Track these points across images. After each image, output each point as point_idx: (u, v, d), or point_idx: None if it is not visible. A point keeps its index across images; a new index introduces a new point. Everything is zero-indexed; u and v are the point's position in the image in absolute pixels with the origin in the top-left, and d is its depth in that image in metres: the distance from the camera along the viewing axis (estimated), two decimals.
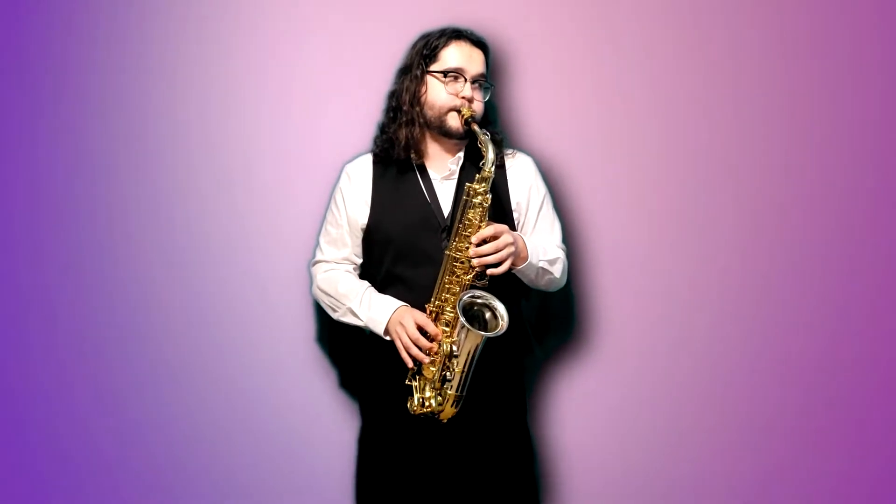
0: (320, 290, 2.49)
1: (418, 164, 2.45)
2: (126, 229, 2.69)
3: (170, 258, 2.69)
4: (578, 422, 2.71)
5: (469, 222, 2.31)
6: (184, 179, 2.69)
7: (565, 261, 2.50)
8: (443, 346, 2.29)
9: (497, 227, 2.31)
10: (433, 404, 2.31)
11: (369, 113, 2.57)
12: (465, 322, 2.25)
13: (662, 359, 2.71)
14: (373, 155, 2.50)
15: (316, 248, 2.54)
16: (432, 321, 2.32)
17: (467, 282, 2.31)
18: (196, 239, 2.69)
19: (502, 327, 2.28)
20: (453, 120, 2.40)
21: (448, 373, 2.30)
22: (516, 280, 2.43)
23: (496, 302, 2.31)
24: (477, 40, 2.45)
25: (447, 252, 2.32)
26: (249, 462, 2.68)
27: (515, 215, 2.48)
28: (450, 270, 2.32)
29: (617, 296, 2.71)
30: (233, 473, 2.69)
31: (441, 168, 2.46)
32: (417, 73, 2.43)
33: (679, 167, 2.71)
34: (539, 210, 2.51)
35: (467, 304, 2.30)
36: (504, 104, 2.67)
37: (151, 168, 2.69)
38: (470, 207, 2.31)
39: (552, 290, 2.51)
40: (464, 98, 2.39)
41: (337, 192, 2.50)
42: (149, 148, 2.69)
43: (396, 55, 2.52)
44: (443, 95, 2.40)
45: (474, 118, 2.39)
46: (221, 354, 2.69)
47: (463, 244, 2.31)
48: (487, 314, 2.33)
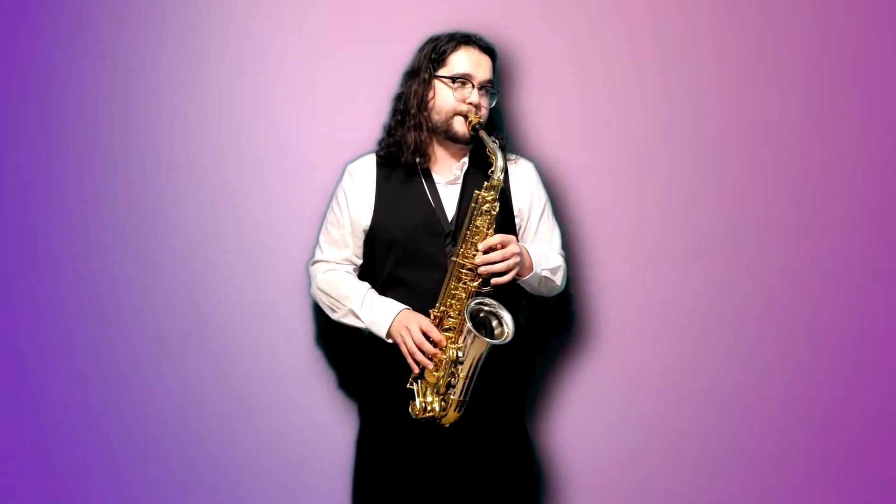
0: (320, 291, 2.48)
1: (423, 168, 2.45)
2: (127, 229, 2.68)
3: (169, 258, 2.68)
4: (578, 425, 2.73)
5: (477, 229, 2.32)
6: (186, 179, 2.68)
7: (565, 268, 2.53)
8: (448, 352, 2.30)
9: (505, 237, 2.32)
10: (436, 409, 2.32)
11: (371, 113, 2.57)
12: (473, 329, 2.27)
13: (661, 363, 2.74)
14: (377, 156, 2.49)
15: (315, 248, 2.53)
16: (436, 326, 2.33)
17: (473, 288, 2.32)
18: (196, 239, 2.68)
19: (508, 336, 2.30)
20: (459, 125, 2.41)
21: (453, 378, 2.31)
22: (517, 287, 2.45)
23: (503, 311, 2.32)
24: (485, 46, 2.46)
25: (454, 258, 2.32)
26: (248, 462, 2.68)
27: (517, 220, 2.49)
28: (456, 276, 2.32)
29: (618, 301, 2.74)
30: (231, 474, 2.68)
31: (446, 173, 2.47)
32: (425, 77, 2.43)
33: (682, 174, 2.74)
34: (540, 217, 2.52)
35: (474, 311, 2.31)
36: (508, 110, 2.67)
37: (154, 167, 2.68)
38: (478, 215, 2.32)
39: (551, 296, 2.54)
40: (471, 104, 2.40)
41: (339, 192, 2.49)
42: (152, 147, 2.68)
43: (401, 57, 2.52)
44: (450, 100, 2.41)
45: (481, 124, 2.40)
46: (219, 354, 2.68)
47: (470, 251, 2.32)
48: (493, 322, 2.34)
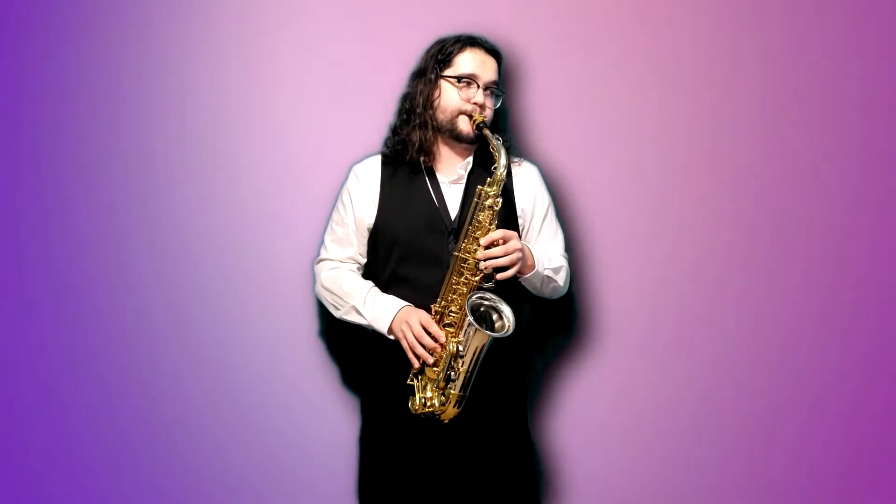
0: (324, 288, 2.50)
1: (427, 167, 2.48)
2: (137, 228, 2.70)
3: (179, 256, 2.70)
4: (580, 424, 2.72)
5: (479, 224, 2.34)
6: (193, 178, 2.70)
7: (568, 269, 2.54)
8: (448, 346, 2.31)
9: (506, 232, 2.34)
10: (435, 404, 2.32)
11: (378, 114, 2.60)
12: (473, 321, 2.27)
13: (663, 362, 2.74)
14: (382, 156, 2.53)
15: (321, 247, 2.55)
16: (437, 321, 2.34)
17: (474, 283, 2.33)
18: (204, 238, 2.70)
19: (509, 329, 2.31)
20: (464, 124, 2.44)
21: (452, 373, 2.31)
22: (519, 286, 2.46)
23: (503, 305, 2.33)
24: (491, 48, 2.50)
25: (455, 253, 2.34)
26: (252, 459, 2.68)
27: (521, 222, 2.51)
28: (457, 271, 2.34)
29: (620, 301, 2.74)
30: (235, 471, 2.68)
31: (450, 172, 2.49)
32: (431, 78, 2.47)
33: (685, 177, 2.75)
34: (543, 219, 2.54)
35: (475, 305, 2.32)
36: (513, 113, 2.70)
37: (161, 167, 2.70)
38: (481, 210, 2.34)
39: (555, 298, 2.55)
40: (475, 104, 2.43)
41: (344, 192, 2.52)
42: (159, 147, 2.70)
43: (409, 59, 2.55)
44: (455, 100, 2.44)
45: (485, 123, 2.43)
46: (224, 352, 2.69)
47: (472, 246, 2.33)
48: (494, 316, 2.35)
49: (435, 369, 2.33)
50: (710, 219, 2.75)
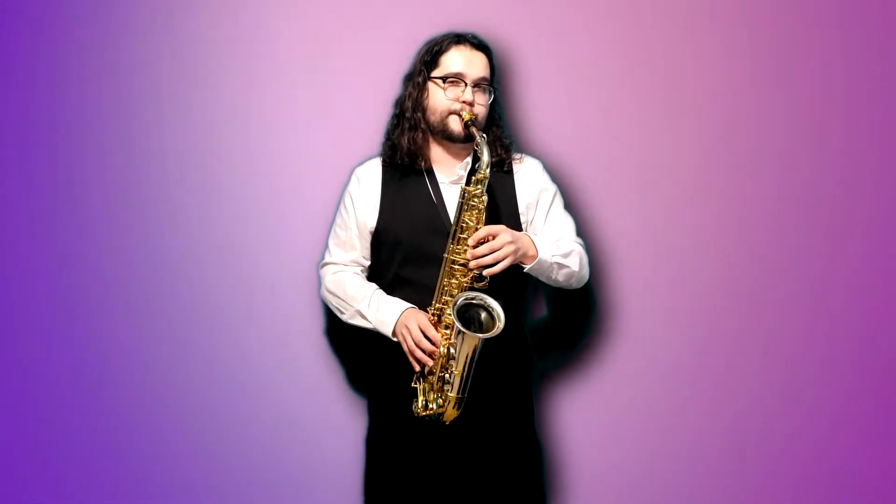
0: (329, 292, 2.53)
1: (427, 169, 2.48)
2: (143, 231, 2.76)
3: (185, 260, 2.75)
4: (586, 425, 2.70)
5: (466, 224, 2.33)
6: (195, 182, 2.75)
7: (583, 253, 2.48)
8: (441, 349, 2.32)
9: (491, 228, 2.32)
10: (435, 407, 2.33)
11: (379, 117, 2.60)
12: (460, 325, 2.26)
13: (671, 363, 2.70)
14: (382, 159, 2.54)
15: (325, 251, 2.59)
16: (436, 324, 2.35)
17: (465, 284, 2.33)
18: (210, 242, 2.75)
19: (499, 328, 2.29)
20: (454, 124, 2.42)
21: (447, 375, 2.32)
22: (516, 281, 2.43)
23: (491, 301, 2.31)
24: (478, 44, 2.47)
25: (445, 255, 2.34)
26: (259, 460, 2.73)
27: (524, 219, 2.49)
28: (448, 273, 2.34)
29: (625, 299, 2.71)
30: (243, 471, 2.73)
31: (449, 172, 2.49)
32: (419, 80, 2.46)
33: (686, 169, 2.70)
34: (549, 207, 2.51)
35: (462, 307, 2.31)
36: (512, 107, 2.68)
37: (166, 172, 2.75)
38: (466, 210, 2.33)
39: (575, 286, 2.49)
40: (464, 102, 2.41)
41: (346, 196, 2.54)
42: (163, 152, 2.75)
43: (407, 60, 2.55)
44: (443, 100, 2.43)
45: (474, 121, 2.41)
46: (230, 355, 2.74)
47: (461, 247, 2.33)
48: (483, 315, 2.33)
49: (433, 372, 2.34)
50: (719, 211, 2.70)
